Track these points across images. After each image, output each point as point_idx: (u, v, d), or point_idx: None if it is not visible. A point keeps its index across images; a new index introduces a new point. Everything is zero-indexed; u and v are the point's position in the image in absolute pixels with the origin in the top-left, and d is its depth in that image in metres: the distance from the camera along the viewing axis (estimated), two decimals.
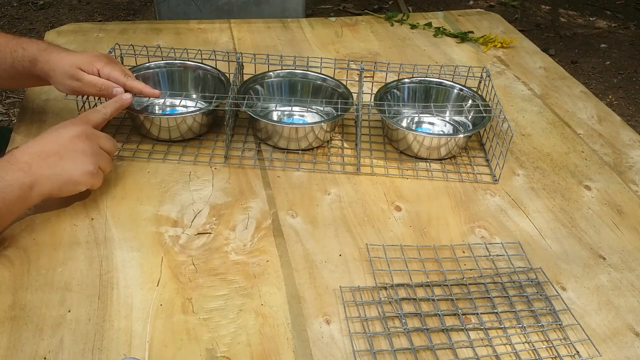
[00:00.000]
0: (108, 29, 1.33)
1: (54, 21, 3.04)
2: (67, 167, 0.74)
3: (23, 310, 0.67)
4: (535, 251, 0.80)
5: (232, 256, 0.76)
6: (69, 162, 0.74)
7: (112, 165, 0.82)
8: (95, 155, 0.77)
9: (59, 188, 0.74)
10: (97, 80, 0.86)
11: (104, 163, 0.79)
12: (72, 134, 0.76)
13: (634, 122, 2.54)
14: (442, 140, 0.94)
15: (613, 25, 3.41)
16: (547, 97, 1.17)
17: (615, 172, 0.97)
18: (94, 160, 0.76)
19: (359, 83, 0.98)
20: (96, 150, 0.78)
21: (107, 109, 0.84)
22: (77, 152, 0.75)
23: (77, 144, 0.75)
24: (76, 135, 0.76)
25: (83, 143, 0.76)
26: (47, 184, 0.73)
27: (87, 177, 0.76)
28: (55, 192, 0.74)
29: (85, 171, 0.75)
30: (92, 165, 0.76)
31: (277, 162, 0.93)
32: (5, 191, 0.69)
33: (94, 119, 0.82)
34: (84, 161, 0.75)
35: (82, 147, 0.76)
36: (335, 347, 0.65)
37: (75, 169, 0.75)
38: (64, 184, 0.74)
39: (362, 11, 2.67)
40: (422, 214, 0.85)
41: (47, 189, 0.73)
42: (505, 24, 1.50)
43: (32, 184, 0.71)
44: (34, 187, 0.72)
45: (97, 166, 0.77)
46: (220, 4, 1.78)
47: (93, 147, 0.77)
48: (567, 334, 0.69)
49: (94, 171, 0.76)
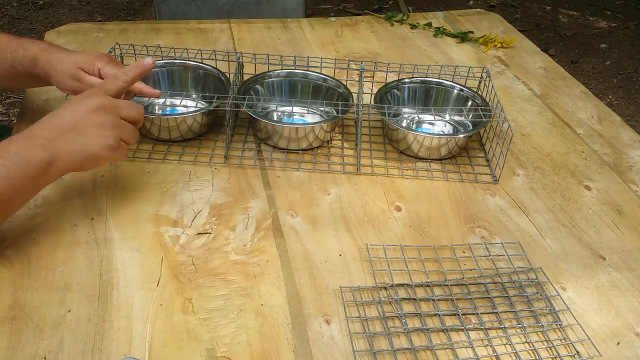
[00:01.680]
0: (108, 29, 1.33)
1: (54, 21, 3.04)
2: (86, 143, 0.70)
3: (23, 310, 0.67)
4: (535, 251, 0.80)
5: (232, 256, 0.76)
6: (87, 138, 0.70)
7: (136, 135, 0.76)
8: (115, 128, 0.72)
9: (80, 163, 0.71)
10: (97, 81, 0.86)
11: (127, 134, 0.74)
12: (89, 107, 0.71)
13: (634, 122, 2.54)
14: (442, 140, 0.94)
15: (613, 25, 3.41)
16: (547, 97, 1.17)
17: (615, 172, 0.97)
18: (114, 133, 0.72)
19: (359, 83, 0.98)
20: (116, 122, 0.72)
21: (127, 75, 0.77)
22: (95, 127, 0.71)
23: (93, 118, 0.71)
24: (93, 108, 0.71)
25: (100, 116, 0.71)
26: (66, 160, 0.70)
27: (107, 151, 0.71)
28: (77, 167, 0.72)
29: (105, 145, 0.71)
30: (112, 139, 0.71)
31: (277, 162, 0.94)
32: (22, 167, 0.67)
33: (112, 88, 0.76)
34: (102, 135, 0.71)
35: (99, 121, 0.71)
36: (335, 347, 0.65)
37: (94, 144, 0.71)
38: (84, 159, 0.71)
39: (362, 11, 2.67)
40: (422, 214, 0.85)
41: (67, 165, 0.70)
42: (505, 24, 1.50)
43: (50, 160, 0.68)
44: (53, 164, 0.69)
45: (118, 139, 0.72)
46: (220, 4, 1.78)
47: (112, 119, 0.72)
48: (567, 334, 0.69)
49: (114, 145, 0.71)
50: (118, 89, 0.77)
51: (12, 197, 0.67)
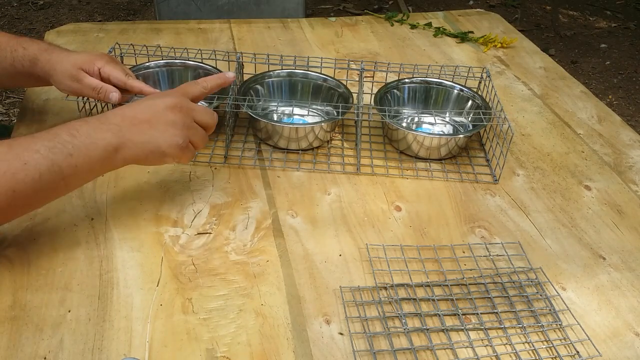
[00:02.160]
0: (108, 29, 1.33)
1: (54, 21, 3.04)
2: (156, 136, 0.71)
3: (23, 310, 0.67)
4: (535, 251, 0.80)
5: (232, 256, 0.76)
6: (158, 132, 0.72)
7: (206, 140, 0.77)
8: (187, 129, 0.73)
9: (145, 156, 0.72)
10: (96, 83, 0.85)
11: (197, 138, 0.75)
12: (166, 105, 0.73)
13: (634, 122, 2.54)
14: (442, 140, 0.94)
15: (613, 25, 3.41)
16: (547, 97, 1.17)
17: (615, 172, 0.97)
18: (184, 133, 0.73)
19: (359, 83, 0.98)
20: (189, 123, 0.74)
21: (208, 83, 0.81)
22: (167, 123, 0.72)
23: (168, 115, 0.72)
24: (170, 106, 0.73)
25: (175, 115, 0.73)
26: (133, 149, 0.71)
27: (174, 149, 0.72)
28: (142, 160, 0.73)
29: (173, 143, 0.72)
30: (181, 139, 0.72)
31: (277, 162, 0.94)
32: (90, 148, 0.68)
33: (192, 91, 0.78)
34: (173, 133, 0.72)
35: (172, 119, 0.72)
36: (335, 347, 0.65)
37: (163, 140, 0.72)
38: (150, 152, 0.72)
39: (362, 11, 2.67)
40: (422, 214, 0.85)
41: (133, 155, 0.71)
42: (505, 24, 1.50)
43: (117, 146, 0.70)
44: (119, 150, 0.70)
45: (187, 140, 0.73)
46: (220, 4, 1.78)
47: (185, 120, 0.73)
48: (567, 334, 0.69)
49: (182, 145, 0.73)
50: (197, 93, 0.79)
51: (73, 174, 0.68)
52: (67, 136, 0.67)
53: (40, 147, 0.65)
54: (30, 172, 0.64)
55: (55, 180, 0.66)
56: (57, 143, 0.66)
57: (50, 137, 0.67)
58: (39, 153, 0.65)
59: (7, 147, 0.65)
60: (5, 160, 0.64)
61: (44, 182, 0.65)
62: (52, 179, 0.66)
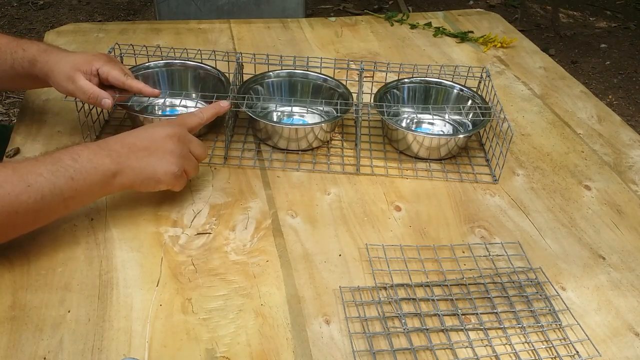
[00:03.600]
0: (108, 29, 1.33)
1: (54, 21, 3.04)
2: (153, 163, 0.75)
3: (23, 311, 0.67)
4: (535, 251, 0.80)
5: (231, 256, 0.76)
6: (155, 159, 0.75)
7: (198, 170, 0.83)
8: (183, 158, 0.77)
9: (141, 182, 0.75)
10: (88, 87, 0.85)
11: (190, 167, 0.79)
12: (166, 134, 0.77)
13: (634, 122, 2.54)
14: (442, 141, 0.94)
15: (613, 25, 3.41)
16: (547, 97, 1.17)
17: (615, 172, 0.97)
18: (180, 162, 0.77)
19: (359, 83, 0.98)
20: (185, 153, 0.78)
21: (204, 114, 0.85)
22: (165, 152, 0.76)
23: (167, 144, 0.76)
24: (169, 135, 0.77)
25: (173, 144, 0.77)
26: (130, 175, 0.74)
27: (169, 177, 0.76)
28: (137, 185, 0.76)
29: (169, 171, 0.76)
30: (177, 167, 0.76)
31: (277, 163, 0.94)
32: (90, 172, 0.71)
33: (190, 122, 0.82)
34: (169, 161, 0.76)
35: (171, 147, 0.76)
36: (334, 347, 0.65)
37: (159, 167, 0.75)
38: (146, 178, 0.75)
39: (362, 11, 2.67)
40: (422, 214, 0.85)
41: (129, 180, 0.74)
42: (505, 24, 1.50)
43: (116, 172, 0.73)
44: (117, 175, 0.73)
45: (182, 169, 0.77)
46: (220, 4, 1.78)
47: (182, 149, 0.78)
48: (566, 334, 0.69)
49: (177, 173, 0.77)
50: (195, 124, 0.83)
51: (72, 197, 0.71)
52: (69, 160, 0.70)
53: (44, 171, 0.68)
54: (33, 194, 0.67)
55: (56, 202, 0.69)
56: (60, 167, 0.69)
57: (53, 160, 0.69)
58: (42, 176, 0.68)
59: (11, 169, 0.68)
60: (9, 183, 0.66)
61: (46, 203, 0.68)
62: (53, 201, 0.69)
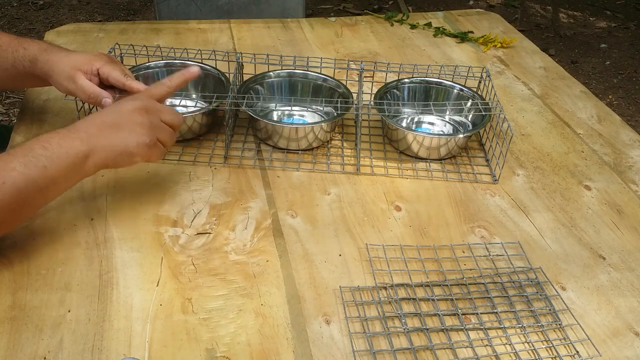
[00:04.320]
0: (108, 29, 1.33)
1: (54, 21, 3.04)
2: (123, 138, 0.74)
3: (23, 311, 0.67)
4: (535, 251, 0.80)
5: (231, 256, 0.76)
6: (125, 133, 0.74)
7: (174, 138, 0.80)
8: (154, 128, 0.76)
9: (114, 159, 0.74)
10: (89, 86, 0.85)
11: (164, 136, 0.77)
12: (132, 107, 0.75)
13: (634, 122, 2.54)
14: (442, 140, 0.94)
15: (613, 25, 3.41)
16: (547, 97, 1.17)
17: (615, 172, 0.97)
18: (152, 132, 0.75)
19: (359, 83, 0.98)
20: (156, 123, 0.76)
21: (172, 82, 0.83)
22: (134, 124, 0.74)
23: (135, 116, 0.75)
24: (136, 108, 0.75)
25: (141, 116, 0.75)
26: (102, 154, 0.73)
27: (142, 148, 0.75)
28: (111, 162, 0.74)
29: (140, 142, 0.74)
30: (148, 138, 0.74)
31: (277, 162, 0.94)
32: (61, 157, 0.69)
33: (156, 92, 0.81)
34: (139, 132, 0.74)
35: (139, 120, 0.75)
36: (334, 347, 0.65)
37: (130, 140, 0.74)
38: (118, 154, 0.74)
39: (362, 11, 2.67)
40: (422, 214, 0.85)
41: (102, 159, 0.73)
42: (505, 24, 1.50)
43: (87, 153, 0.71)
44: (89, 157, 0.72)
45: (155, 139, 0.76)
46: (220, 4, 1.78)
47: (152, 119, 0.76)
48: (566, 334, 0.69)
49: (149, 143, 0.75)
50: (163, 93, 0.82)
51: (48, 186, 0.70)
52: (40, 149, 0.69)
53: (17, 165, 0.67)
54: (7, 190, 0.66)
55: (33, 194, 0.69)
56: (32, 157, 0.68)
57: (24, 152, 0.69)
58: (15, 170, 0.67)
59: None
60: None
61: (22, 198, 0.67)
62: (30, 193, 0.68)
